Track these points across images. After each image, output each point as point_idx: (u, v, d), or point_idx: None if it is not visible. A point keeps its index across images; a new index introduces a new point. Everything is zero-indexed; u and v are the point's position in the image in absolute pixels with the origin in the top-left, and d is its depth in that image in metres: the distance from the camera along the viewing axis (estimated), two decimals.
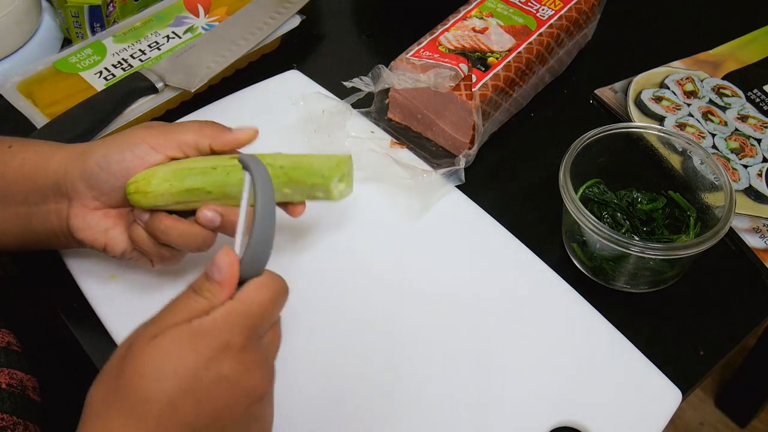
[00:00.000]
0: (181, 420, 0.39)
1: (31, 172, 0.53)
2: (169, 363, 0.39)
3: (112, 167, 0.51)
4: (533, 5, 0.75)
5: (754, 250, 0.65)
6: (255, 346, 0.42)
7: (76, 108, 0.69)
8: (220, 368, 0.40)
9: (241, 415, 0.41)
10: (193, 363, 0.40)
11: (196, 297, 0.42)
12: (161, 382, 0.39)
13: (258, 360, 0.42)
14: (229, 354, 0.40)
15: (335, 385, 0.55)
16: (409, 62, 0.69)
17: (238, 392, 0.41)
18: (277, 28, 0.78)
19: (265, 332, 0.44)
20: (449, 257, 0.62)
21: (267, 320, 0.43)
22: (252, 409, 0.41)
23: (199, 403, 0.39)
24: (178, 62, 0.74)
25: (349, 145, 0.68)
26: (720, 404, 1.42)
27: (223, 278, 0.42)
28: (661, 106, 0.76)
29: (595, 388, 0.55)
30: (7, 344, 0.58)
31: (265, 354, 0.43)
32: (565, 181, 0.60)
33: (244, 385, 0.41)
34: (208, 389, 0.40)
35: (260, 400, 0.42)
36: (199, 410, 0.39)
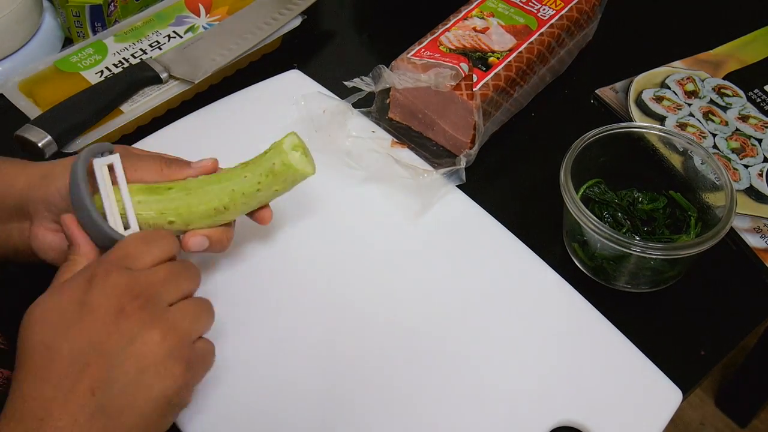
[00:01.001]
0: (60, 357, 0.41)
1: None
2: (40, 312, 0.43)
3: None
4: (534, 5, 0.75)
5: (755, 250, 0.66)
6: (117, 273, 0.44)
7: (78, 95, 0.69)
8: (83, 297, 0.43)
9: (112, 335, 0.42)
10: (61, 303, 0.43)
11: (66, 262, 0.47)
12: (35, 331, 0.42)
13: (119, 282, 0.43)
14: (92, 284, 0.43)
15: (334, 384, 0.55)
16: (410, 62, 0.69)
17: (103, 313, 0.42)
18: (280, 27, 0.78)
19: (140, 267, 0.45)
20: (449, 257, 0.62)
21: (134, 257, 0.45)
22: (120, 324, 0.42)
23: (70, 337, 0.42)
24: (184, 54, 0.74)
25: (350, 145, 0.68)
26: (720, 404, 1.42)
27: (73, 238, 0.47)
28: (661, 106, 0.76)
29: (595, 388, 0.55)
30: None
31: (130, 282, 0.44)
32: (565, 181, 0.60)
33: (106, 305, 0.42)
34: (75, 318, 0.42)
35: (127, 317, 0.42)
36: (72, 343, 0.42)
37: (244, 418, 0.53)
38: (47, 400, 0.41)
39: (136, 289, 0.43)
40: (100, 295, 0.43)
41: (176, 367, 0.43)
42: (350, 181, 0.67)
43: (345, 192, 0.67)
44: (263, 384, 0.54)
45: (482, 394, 0.55)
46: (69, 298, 0.43)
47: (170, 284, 0.45)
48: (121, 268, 0.44)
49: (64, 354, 0.41)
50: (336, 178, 0.67)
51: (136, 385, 0.42)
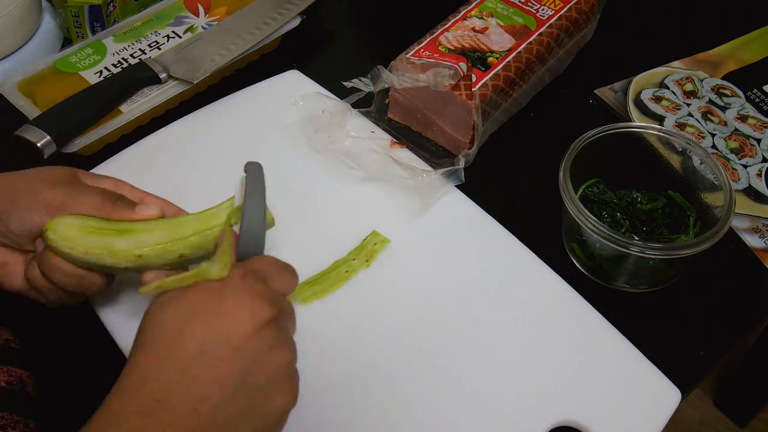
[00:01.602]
0: (188, 341, 0.41)
1: None
2: (171, 301, 0.43)
3: (11, 224, 0.50)
4: (533, 5, 0.75)
5: (754, 250, 0.66)
6: (256, 280, 0.44)
7: (77, 95, 0.69)
8: (220, 293, 0.42)
9: (251, 338, 0.41)
10: (196, 296, 0.42)
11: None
12: (166, 314, 0.42)
13: (260, 290, 0.43)
14: (228, 283, 0.43)
15: (334, 382, 0.55)
16: (409, 62, 0.69)
17: (243, 314, 0.42)
18: (279, 27, 0.78)
19: (269, 283, 0.45)
20: (449, 257, 0.62)
21: (268, 274, 0.45)
22: (262, 335, 0.42)
23: (204, 325, 0.41)
24: (183, 54, 0.75)
25: (349, 145, 0.68)
26: (720, 404, 1.42)
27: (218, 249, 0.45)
28: (660, 106, 0.76)
29: (595, 388, 0.55)
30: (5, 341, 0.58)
31: (269, 292, 0.44)
32: (564, 181, 0.60)
33: (249, 306, 0.42)
34: (213, 310, 0.42)
35: (269, 328, 0.42)
36: (205, 332, 0.41)
37: None
38: (170, 383, 0.40)
39: (273, 301, 0.43)
40: (241, 295, 0.42)
41: (295, 388, 0.44)
42: (349, 182, 0.67)
43: (344, 192, 0.67)
44: None
45: (482, 394, 0.55)
46: (207, 292, 0.42)
47: (292, 318, 0.46)
48: (259, 278, 0.44)
49: (196, 340, 0.41)
50: (335, 179, 0.67)
51: (263, 392, 0.42)
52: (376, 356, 0.56)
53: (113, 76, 0.72)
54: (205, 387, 0.40)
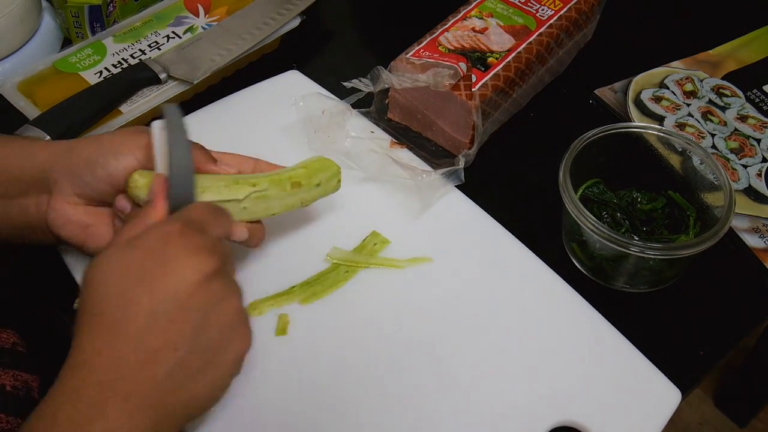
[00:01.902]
0: (137, 308, 0.40)
1: (13, 165, 0.52)
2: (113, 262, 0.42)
3: (97, 171, 0.51)
4: (533, 5, 0.75)
5: (754, 250, 0.66)
6: (195, 232, 0.43)
7: (77, 96, 0.69)
8: (163, 253, 0.42)
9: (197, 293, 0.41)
10: (137, 258, 0.42)
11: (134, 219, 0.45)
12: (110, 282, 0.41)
13: (200, 242, 0.43)
14: (169, 241, 0.42)
15: (333, 381, 0.55)
16: (409, 62, 0.69)
17: (187, 271, 0.41)
18: (279, 27, 0.78)
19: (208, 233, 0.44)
20: (449, 257, 0.62)
21: (204, 222, 0.45)
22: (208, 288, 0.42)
23: (150, 289, 0.41)
24: (183, 54, 0.75)
25: (349, 145, 0.68)
26: (720, 404, 1.42)
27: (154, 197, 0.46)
28: (660, 106, 0.76)
29: (595, 388, 0.55)
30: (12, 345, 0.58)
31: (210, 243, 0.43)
32: (564, 181, 0.60)
33: (192, 262, 0.42)
34: (157, 272, 0.41)
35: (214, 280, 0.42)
36: (152, 296, 0.41)
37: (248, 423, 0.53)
38: (126, 353, 0.40)
39: (215, 251, 0.43)
40: (183, 252, 0.42)
41: (248, 332, 0.44)
42: (349, 182, 0.67)
43: (344, 192, 0.67)
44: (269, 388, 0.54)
45: (481, 394, 0.55)
46: (148, 253, 0.42)
47: (231, 259, 0.46)
48: (198, 229, 0.44)
49: (143, 307, 0.40)
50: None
51: (217, 345, 0.42)
52: (375, 356, 0.56)
53: (113, 76, 0.72)
54: (158, 351, 0.40)
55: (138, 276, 0.41)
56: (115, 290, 0.41)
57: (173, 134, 0.48)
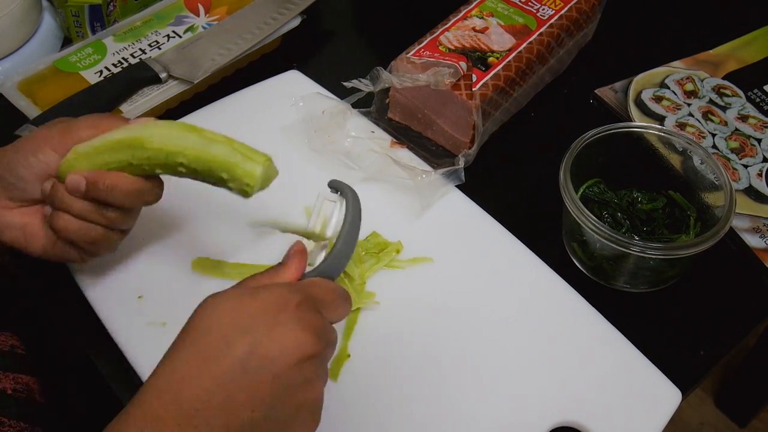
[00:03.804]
0: (234, 355, 0.41)
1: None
2: (228, 304, 0.43)
3: (19, 171, 0.52)
4: (534, 5, 0.75)
5: (754, 250, 0.65)
6: (312, 310, 0.44)
7: (77, 95, 0.69)
8: (276, 315, 0.42)
9: (291, 369, 0.42)
10: (250, 307, 0.42)
11: (263, 273, 0.47)
12: (220, 318, 0.42)
13: (313, 322, 0.43)
14: (285, 308, 0.43)
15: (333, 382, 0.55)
16: (410, 62, 0.69)
17: (291, 344, 0.42)
18: (279, 27, 0.78)
19: (323, 312, 0.45)
20: (449, 257, 0.62)
21: (325, 303, 0.45)
22: (303, 367, 0.42)
23: (252, 344, 0.41)
24: (183, 54, 0.74)
25: (349, 145, 0.68)
26: (720, 404, 1.42)
27: (290, 259, 0.47)
28: (661, 106, 0.76)
29: (595, 388, 0.55)
30: (11, 347, 0.58)
31: (321, 325, 0.44)
32: (565, 181, 0.60)
33: (299, 338, 0.42)
34: (262, 333, 0.42)
35: (311, 362, 0.43)
36: (251, 351, 0.41)
37: None
38: (209, 392, 0.40)
39: (322, 335, 0.44)
40: (294, 324, 0.42)
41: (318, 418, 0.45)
42: (349, 182, 0.67)
43: None
44: None
45: (482, 394, 0.55)
46: (261, 309, 0.43)
47: (333, 347, 0.46)
48: (315, 308, 0.44)
49: (239, 356, 0.41)
50: (335, 179, 0.67)
51: (287, 422, 0.43)
52: (375, 355, 0.56)
53: (113, 75, 0.72)
54: (239, 405, 0.41)
55: (245, 325, 0.42)
56: (222, 330, 0.42)
57: (351, 216, 0.50)
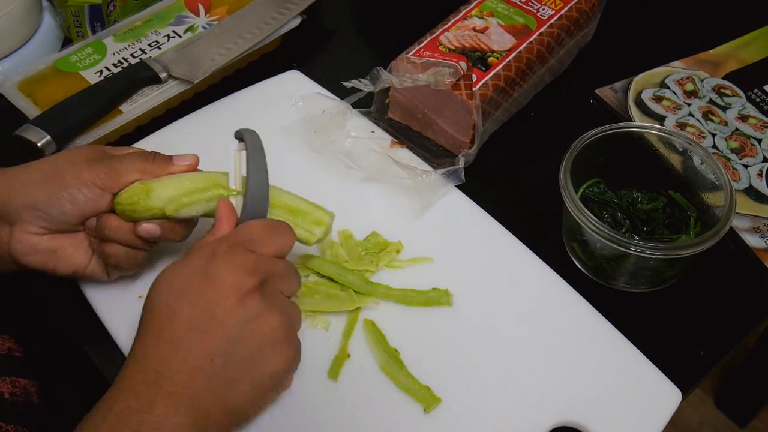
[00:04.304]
0: (179, 319, 0.44)
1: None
2: (166, 275, 0.46)
3: (64, 207, 0.52)
4: (534, 5, 0.75)
5: (755, 250, 0.65)
6: (240, 251, 0.46)
7: (76, 95, 0.69)
8: (206, 269, 0.45)
9: (235, 310, 0.44)
10: (186, 272, 0.46)
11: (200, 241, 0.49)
12: (160, 293, 0.46)
13: (243, 260, 0.45)
14: (213, 258, 0.46)
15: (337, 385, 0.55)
16: (410, 61, 0.69)
17: (226, 287, 0.45)
18: (279, 27, 0.78)
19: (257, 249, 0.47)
20: (449, 257, 0.62)
21: (255, 241, 0.47)
22: (246, 304, 0.45)
23: (191, 302, 0.44)
24: (183, 54, 0.74)
25: (349, 145, 0.68)
26: (720, 404, 1.42)
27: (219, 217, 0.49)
28: (661, 106, 0.76)
29: (595, 388, 0.55)
30: (8, 350, 0.57)
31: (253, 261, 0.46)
32: (565, 181, 0.60)
33: (231, 280, 0.45)
34: (198, 287, 0.45)
35: (252, 297, 0.45)
36: (192, 308, 0.44)
37: None
38: (167, 357, 0.44)
39: (260, 271, 0.46)
40: (224, 269, 0.45)
41: (289, 350, 0.47)
42: (349, 182, 0.67)
43: (344, 192, 0.67)
44: None
45: (482, 394, 0.55)
46: (194, 268, 0.46)
47: (286, 278, 0.48)
48: (244, 248, 0.47)
49: (184, 316, 0.44)
50: (335, 179, 0.67)
51: (252, 359, 0.45)
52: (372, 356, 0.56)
53: (113, 75, 0.72)
54: (197, 358, 0.44)
55: (181, 288, 0.45)
56: (164, 299, 0.45)
57: (253, 158, 0.51)
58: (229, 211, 0.50)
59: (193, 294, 0.45)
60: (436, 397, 0.54)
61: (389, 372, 0.55)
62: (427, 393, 0.54)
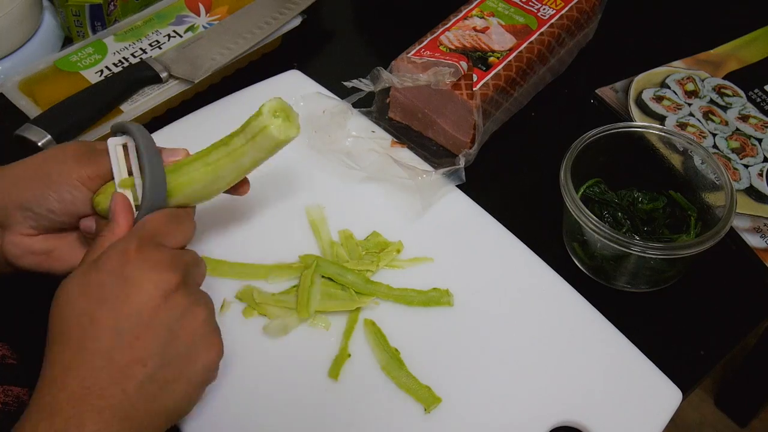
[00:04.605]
0: (101, 327, 0.42)
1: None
2: (75, 286, 0.43)
3: (51, 205, 0.51)
4: (534, 5, 0.75)
5: (755, 250, 0.65)
6: (152, 247, 0.44)
7: (77, 95, 0.69)
8: (122, 272, 0.43)
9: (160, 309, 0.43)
10: (99, 278, 0.43)
11: (98, 239, 0.46)
12: (74, 302, 0.43)
13: (158, 257, 0.44)
14: (127, 260, 0.43)
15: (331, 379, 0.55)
16: (410, 61, 0.69)
17: (147, 288, 0.43)
18: (280, 27, 0.78)
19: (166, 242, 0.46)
20: (449, 257, 0.62)
21: (162, 234, 0.46)
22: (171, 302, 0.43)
23: (112, 309, 0.42)
24: (184, 53, 0.74)
25: (349, 145, 0.68)
26: (720, 404, 1.42)
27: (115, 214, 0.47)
28: (662, 106, 0.76)
29: (595, 388, 0.55)
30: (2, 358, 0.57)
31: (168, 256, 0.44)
32: (565, 181, 0.60)
33: (152, 279, 0.43)
34: (119, 292, 0.42)
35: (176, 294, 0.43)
36: (115, 315, 0.42)
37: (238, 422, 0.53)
38: (94, 370, 0.41)
39: (175, 265, 0.44)
40: (142, 269, 0.43)
41: (218, 340, 0.46)
42: (350, 181, 0.67)
43: (345, 192, 0.67)
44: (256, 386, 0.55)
45: (482, 394, 0.55)
46: (108, 272, 0.43)
47: (197, 267, 0.47)
48: (154, 244, 0.45)
49: (109, 325, 0.42)
50: (336, 178, 0.67)
51: (186, 357, 0.44)
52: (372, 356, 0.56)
53: (114, 75, 0.72)
54: (127, 367, 0.41)
55: (100, 296, 0.43)
56: (79, 310, 0.42)
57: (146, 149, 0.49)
58: (126, 205, 0.48)
59: (113, 300, 0.42)
60: (436, 397, 0.54)
61: (390, 372, 0.55)
62: (428, 393, 0.54)
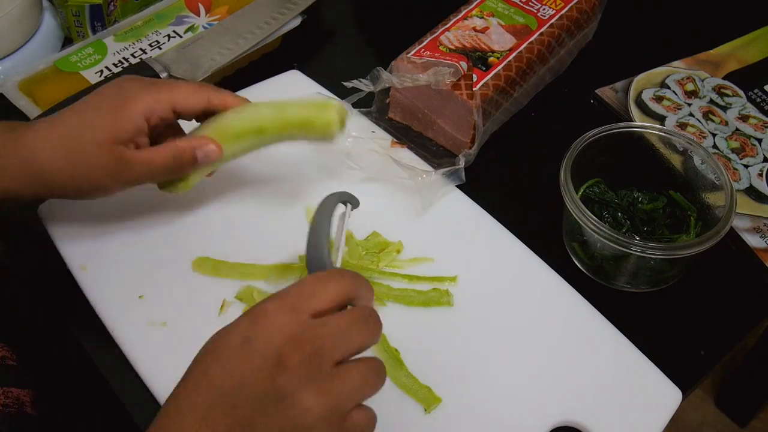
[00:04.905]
0: (210, 386, 0.40)
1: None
2: (215, 336, 0.42)
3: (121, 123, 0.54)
4: (534, 5, 0.75)
5: (755, 250, 0.65)
6: (287, 314, 0.41)
7: (77, 95, 0.68)
8: (246, 332, 0.41)
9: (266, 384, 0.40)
10: (228, 332, 0.42)
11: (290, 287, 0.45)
12: (203, 352, 0.42)
13: (287, 325, 0.41)
14: (258, 320, 0.41)
15: None
16: (410, 61, 0.69)
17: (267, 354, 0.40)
18: (280, 27, 0.78)
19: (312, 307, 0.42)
20: (449, 257, 0.62)
21: (309, 298, 0.42)
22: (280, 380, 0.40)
23: (224, 368, 0.40)
24: (184, 53, 0.74)
25: (349, 145, 0.68)
26: (720, 404, 1.42)
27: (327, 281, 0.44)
28: (661, 106, 0.76)
29: (595, 388, 0.55)
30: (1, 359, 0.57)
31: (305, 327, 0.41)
32: (565, 181, 0.60)
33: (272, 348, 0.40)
34: (235, 352, 0.41)
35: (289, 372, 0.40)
36: (226, 375, 0.40)
37: None
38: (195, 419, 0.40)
39: (300, 339, 0.40)
40: (263, 336, 0.41)
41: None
42: (350, 182, 0.67)
43: None
44: None
45: (482, 394, 0.55)
46: (237, 331, 0.42)
47: (340, 339, 0.41)
48: (291, 309, 0.42)
49: (215, 384, 0.40)
50: (336, 179, 0.67)
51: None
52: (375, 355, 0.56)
53: (114, 75, 0.72)
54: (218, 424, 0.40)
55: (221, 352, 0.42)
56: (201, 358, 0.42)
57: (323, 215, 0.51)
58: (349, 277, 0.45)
59: (228, 361, 0.41)
60: (436, 397, 0.54)
61: (389, 372, 0.55)
62: (428, 393, 0.54)
